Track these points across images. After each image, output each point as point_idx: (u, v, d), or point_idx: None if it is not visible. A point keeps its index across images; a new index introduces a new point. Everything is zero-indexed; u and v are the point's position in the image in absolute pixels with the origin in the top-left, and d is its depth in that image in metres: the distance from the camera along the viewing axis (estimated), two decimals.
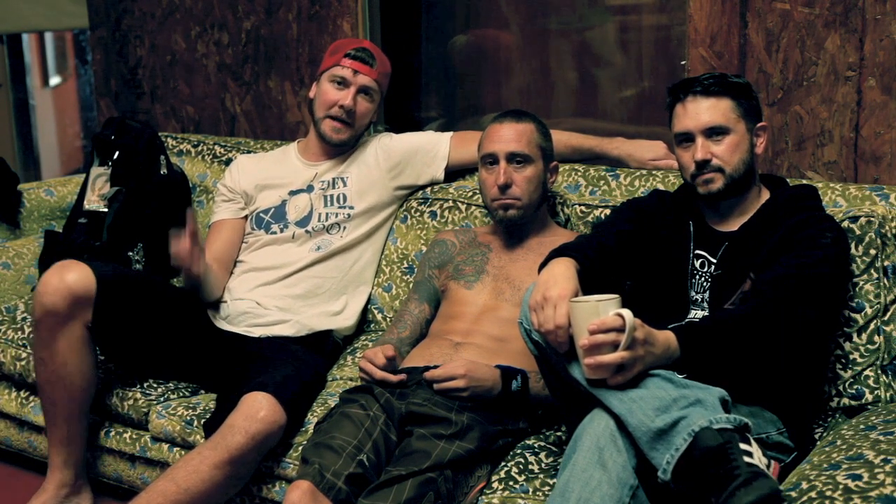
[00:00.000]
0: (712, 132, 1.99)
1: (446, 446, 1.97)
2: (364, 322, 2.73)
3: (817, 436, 2.01)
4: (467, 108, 3.28)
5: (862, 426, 1.84)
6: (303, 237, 2.63)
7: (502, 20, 3.15)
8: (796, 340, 1.85)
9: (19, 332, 2.64)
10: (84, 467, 2.47)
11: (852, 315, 2.06)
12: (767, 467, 1.62)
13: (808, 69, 2.43)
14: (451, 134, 2.75)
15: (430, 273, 2.47)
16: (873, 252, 2.05)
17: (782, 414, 1.91)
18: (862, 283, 2.05)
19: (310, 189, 2.67)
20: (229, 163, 3.03)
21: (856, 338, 2.06)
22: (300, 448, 2.14)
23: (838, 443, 1.77)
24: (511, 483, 1.95)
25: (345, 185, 2.67)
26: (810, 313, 1.85)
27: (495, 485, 1.97)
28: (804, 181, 2.30)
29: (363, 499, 1.90)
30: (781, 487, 1.67)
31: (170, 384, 2.48)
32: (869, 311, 2.05)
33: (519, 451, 2.05)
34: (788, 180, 2.15)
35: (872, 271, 2.05)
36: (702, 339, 1.79)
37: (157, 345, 2.43)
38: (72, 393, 2.35)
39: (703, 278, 2.04)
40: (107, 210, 2.85)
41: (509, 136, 2.32)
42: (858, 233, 2.05)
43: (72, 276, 2.27)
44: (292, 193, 2.68)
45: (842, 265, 1.97)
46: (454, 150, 2.72)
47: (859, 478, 1.58)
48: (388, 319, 2.69)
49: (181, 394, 2.46)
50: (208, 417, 2.28)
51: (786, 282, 1.84)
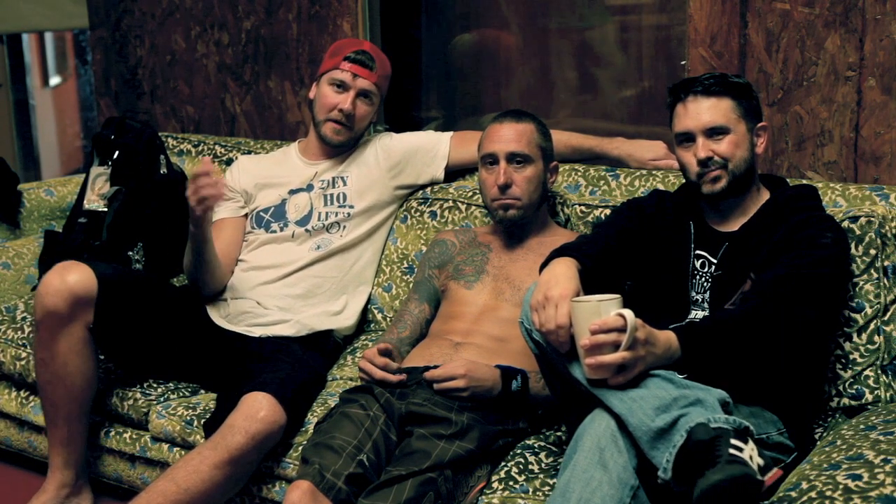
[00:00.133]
0: (713, 132, 1.99)
1: (446, 446, 1.97)
2: (364, 322, 2.73)
3: (817, 436, 2.01)
4: (467, 108, 3.28)
5: (862, 426, 1.84)
6: (303, 236, 2.63)
7: (502, 20, 3.15)
8: (796, 340, 1.85)
9: (19, 332, 2.64)
10: (84, 468, 2.47)
11: (852, 315, 2.06)
12: (767, 469, 1.62)
13: (808, 69, 2.43)
14: (451, 134, 2.75)
15: (430, 273, 2.47)
16: (873, 252, 2.05)
17: (782, 414, 1.91)
18: (862, 283, 2.05)
19: (310, 188, 2.67)
20: (230, 163, 3.03)
21: (856, 338, 2.05)
22: (300, 448, 2.14)
23: (838, 443, 1.77)
24: (511, 483, 1.95)
25: (345, 184, 2.67)
26: (810, 313, 1.85)
27: (495, 485, 1.97)
28: (804, 181, 2.30)
29: (363, 499, 1.90)
30: (781, 487, 1.67)
31: (170, 384, 2.48)
32: (869, 311, 2.05)
33: (519, 451, 2.05)
34: (788, 180, 2.15)
35: (872, 271, 2.05)
36: (702, 340, 1.79)
37: (158, 345, 2.43)
38: (72, 393, 2.35)
39: (703, 278, 2.04)
40: (107, 210, 2.85)
41: (509, 136, 2.32)
42: (858, 233, 2.05)
43: (73, 277, 2.27)
44: (292, 192, 2.68)
45: (842, 265, 1.97)
46: (454, 150, 2.72)
47: (859, 478, 1.58)
48: (388, 319, 2.69)
49: (181, 394, 2.46)
50: (208, 417, 2.27)
51: (786, 282, 1.84)
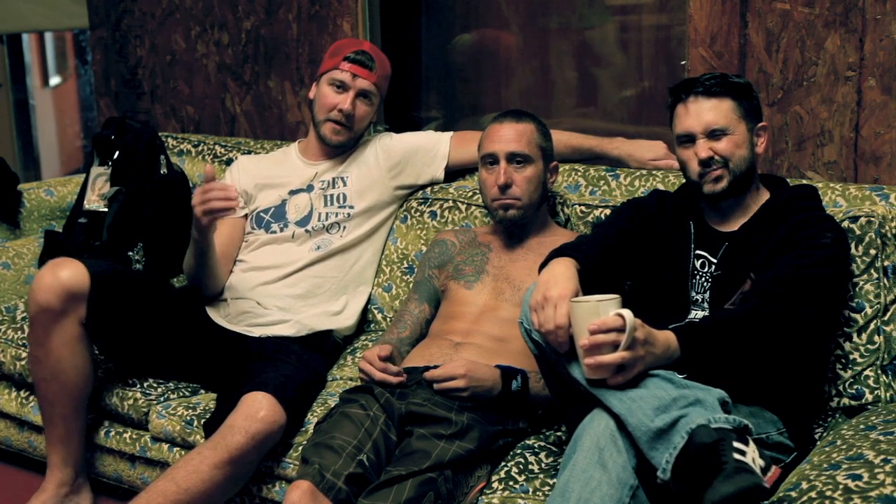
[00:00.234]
0: (714, 133, 1.99)
1: (446, 446, 1.97)
2: (364, 322, 2.73)
3: (817, 436, 2.01)
4: (467, 108, 3.28)
5: (862, 426, 1.84)
6: (303, 237, 2.63)
7: (502, 20, 3.15)
8: (796, 340, 1.85)
9: (19, 332, 2.64)
10: (83, 466, 2.47)
11: (852, 315, 2.06)
12: (767, 469, 1.62)
13: (808, 69, 2.43)
14: (451, 134, 2.75)
15: (430, 273, 2.47)
16: (873, 252, 2.05)
17: (782, 414, 1.91)
18: (862, 283, 2.05)
19: (310, 188, 2.67)
20: (230, 163, 3.03)
21: (856, 338, 2.05)
22: (300, 448, 2.14)
23: (838, 443, 1.77)
24: (511, 483, 1.95)
25: (345, 184, 2.67)
26: (810, 313, 1.85)
27: (495, 485, 1.97)
28: (804, 181, 2.30)
29: (363, 499, 1.90)
30: (781, 487, 1.67)
31: (170, 384, 2.48)
32: (869, 311, 2.05)
33: (519, 451, 2.05)
34: (788, 180, 2.15)
35: (872, 271, 2.05)
36: (702, 340, 1.79)
37: (155, 342, 2.44)
38: (68, 390, 2.35)
39: (703, 278, 2.04)
40: (107, 210, 2.85)
41: (509, 136, 2.32)
42: (858, 233, 2.05)
43: (65, 273, 2.28)
44: (292, 193, 2.68)
45: (842, 265, 1.97)
46: (454, 150, 2.72)
47: (859, 478, 1.58)
48: (388, 319, 2.69)
49: (181, 394, 2.46)
50: (208, 417, 2.27)
51: (786, 282, 1.84)
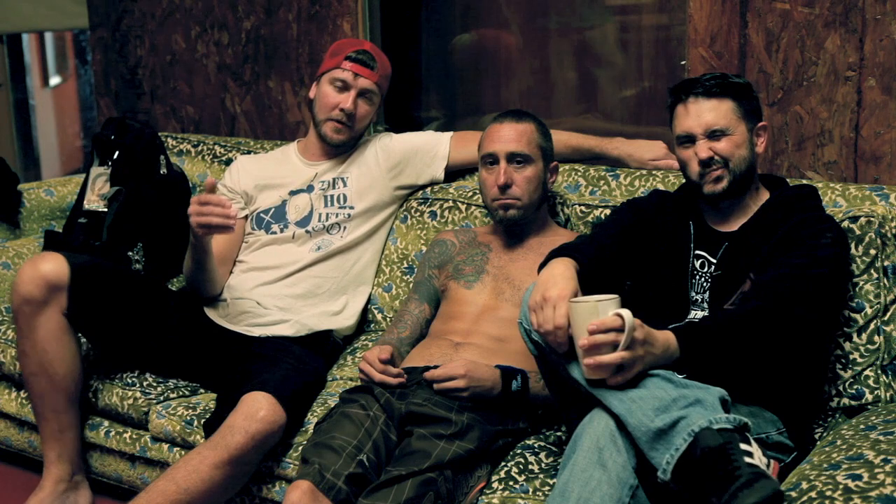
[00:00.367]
0: (714, 133, 1.99)
1: (446, 446, 1.96)
2: (364, 322, 2.73)
3: (817, 436, 2.01)
4: (467, 108, 3.28)
5: (862, 426, 1.84)
6: (303, 237, 2.63)
7: (502, 20, 3.15)
8: (796, 340, 1.85)
9: None
10: (80, 462, 2.47)
11: (852, 315, 2.06)
12: (767, 467, 1.62)
13: (808, 69, 2.43)
14: (451, 134, 2.75)
15: (430, 273, 2.47)
16: (873, 252, 2.05)
17: (782, 414, 1.91)
18: (862, 283, 2.05)
19: (310, 189, 2.67)
20: (229, 163, 3.03)
21: (856, 338, 2.06)
22: (300, 448, 2.14)
23: (838, 443, 1.77)
24: (511, 483, 1.95)
25: (345, 185, 2.67)
26: (810, 314, 1.85)
27: (495, 485, 1.97)
28: (804, 181, 2.30)
29: (363, 499, 1.90)
30: (782, 488, 1.67)
31: (170, 384, 2.48)
32: (869, 311, 2.05)
33: (519, 451, 2.05)
34: (788, 180, 2.15)
35: (872, 271, 2.05)
36: (701, 340, 1.79)
37: (142, 333, 2.45)
38: (55, 382, 2.37)
39: (703, 278, 2.04)
40: (107, 210, 2.85)
41: (509, 136, 2.32)
42: (858, 233, 2.05)
43: (46, 266, 2.33)
44: (292, 193, 2.68)
45: (842, 265, 1.97)
46: (454, 150, 2.72)
47: (859, 478, 1.58)
48: (388, 319, 2.69)
49: (181, 393, 2.46)
50: (208, 417, 2.27)
51: (786, 282, 1.84)
